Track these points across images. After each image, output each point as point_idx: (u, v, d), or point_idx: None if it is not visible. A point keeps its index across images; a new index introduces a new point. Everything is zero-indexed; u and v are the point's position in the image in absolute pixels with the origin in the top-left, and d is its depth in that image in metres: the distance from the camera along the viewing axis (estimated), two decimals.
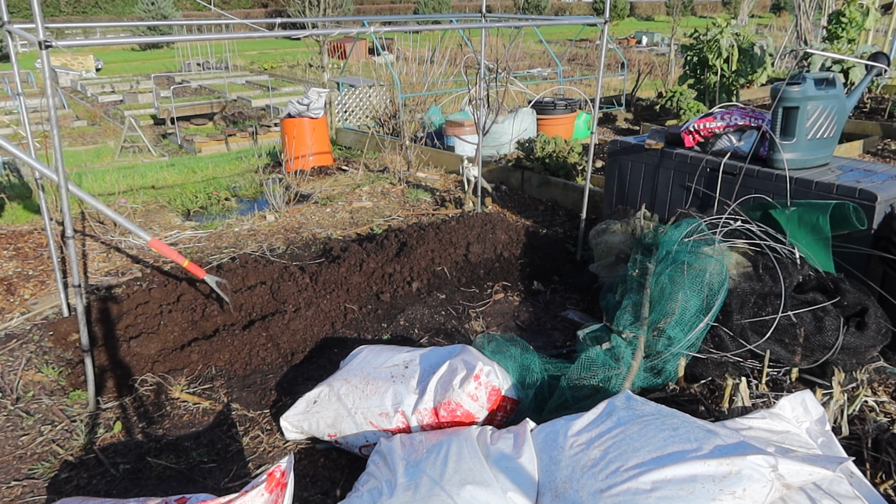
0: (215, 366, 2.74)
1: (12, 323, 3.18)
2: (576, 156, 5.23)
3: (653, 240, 2.88)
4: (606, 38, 3.49)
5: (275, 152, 7.12)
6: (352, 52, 10.02)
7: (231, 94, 13.97)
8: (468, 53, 8.78)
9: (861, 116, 6.81)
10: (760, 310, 2.40)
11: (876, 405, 2.26)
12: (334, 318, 3.08)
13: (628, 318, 2.47)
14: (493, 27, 6.39)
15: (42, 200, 2.94)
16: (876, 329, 2.35)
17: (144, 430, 2.40)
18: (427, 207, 4.90)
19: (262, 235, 4.35)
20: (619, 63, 10.36)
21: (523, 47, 12.85)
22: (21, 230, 4.36)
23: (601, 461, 1.56)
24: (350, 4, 23.65)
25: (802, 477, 1.44)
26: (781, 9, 25.54)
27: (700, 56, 7.07)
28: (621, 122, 8.03)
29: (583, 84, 11.34)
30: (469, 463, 1.67)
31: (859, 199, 2.75)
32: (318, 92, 6.09)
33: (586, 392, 2.19)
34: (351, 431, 2.14)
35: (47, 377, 2.72)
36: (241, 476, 2.18)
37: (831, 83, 2.99)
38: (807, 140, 3.03)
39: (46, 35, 2.11)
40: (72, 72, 17.41)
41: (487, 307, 3.26)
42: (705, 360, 2.36)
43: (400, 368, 2.21)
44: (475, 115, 4.65)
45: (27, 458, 2.26)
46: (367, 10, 38.05)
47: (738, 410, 2.05)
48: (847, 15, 6.98)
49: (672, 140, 3.54)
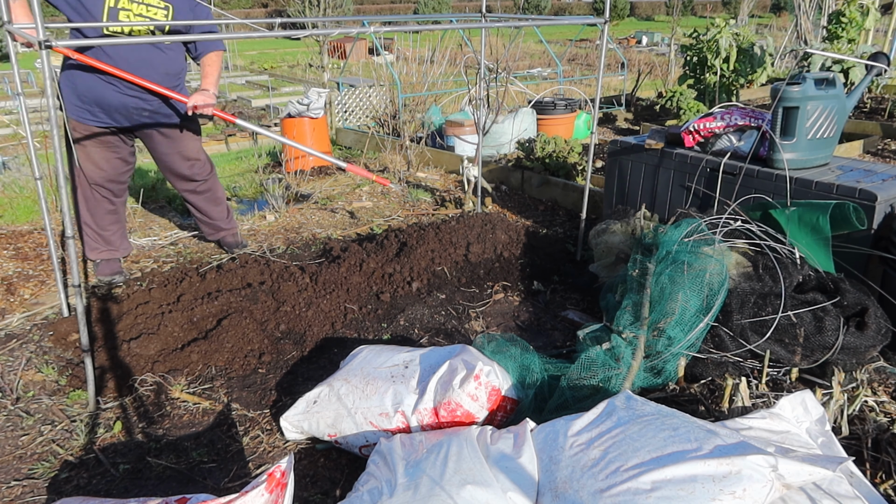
0: (215, 366, 2.74)
1: (12, 323, 3.18)
2: (576, 156, 5.23)
3: (653, 240, 2.88)
4: (606, 38, 3.49)
5: (275, 152, 7.12)
6: (352, 52, 10.02)
7: (231, 94, 13.97)
8: (468, 53, 8.78)
9: (861, 116, 6.81)
10: (760, 310, 2.40)
11: (876, 405, 2.26)
12: (334, 318, 3.08)
13: (628, 318, 2.47)
14: (493, 27, 6.39)
15: (42, 200, 2.94)
16: (876, 329, 2.35)
17: (144, 430, 2.40)
18: (427, 207, 4.90)
19: (262, 235, 4.35)
20: (619, 63, 10.36)
21: (523, 47, 12.85)
22: (21, 230, 4.36)
23: (601, 461, 1.56)
24: (350, 4, 23.64)
25: (802, 477, 1.44)
26: (781, 9, 25.53)
27: (700, 56, 7.07)
28: (621, 122, 8.03)
29: (583, 84, 11.34)
30: (469, 463, 1.67)
31: (859, 199, 2.75)
32: (318, 92, 6.10)
33: (586, 392, 2.19)
34: (351, 431, 2.14)
35: (47, 377, 2.72)
36: (242, 476, 2.18)
37: (831, 83, 2.99)
38: (807, 140, 3.04)
39: (46, 35, 2.11)
40: None
41: (487, 307, 3.26)
42: (705, 360, 2.36)
43: (400, 368, 2.21)
44: (475, 115, 4.65)
45: (27, 458, 2.26)
46: (367, 10, 38.04)
47: (738, 410, 2.05)
48: (847, 15, 6.98)
49: (672, 140, 3.54)
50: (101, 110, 3.20)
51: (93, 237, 3.49)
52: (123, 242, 3.63)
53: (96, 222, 3.47)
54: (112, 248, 3.57)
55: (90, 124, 3.22)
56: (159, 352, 2.76)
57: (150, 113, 3.29)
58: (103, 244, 3.53)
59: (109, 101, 3.16)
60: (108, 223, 3.50)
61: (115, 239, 3.57)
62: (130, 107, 3.21)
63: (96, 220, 3.47)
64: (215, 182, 3.81)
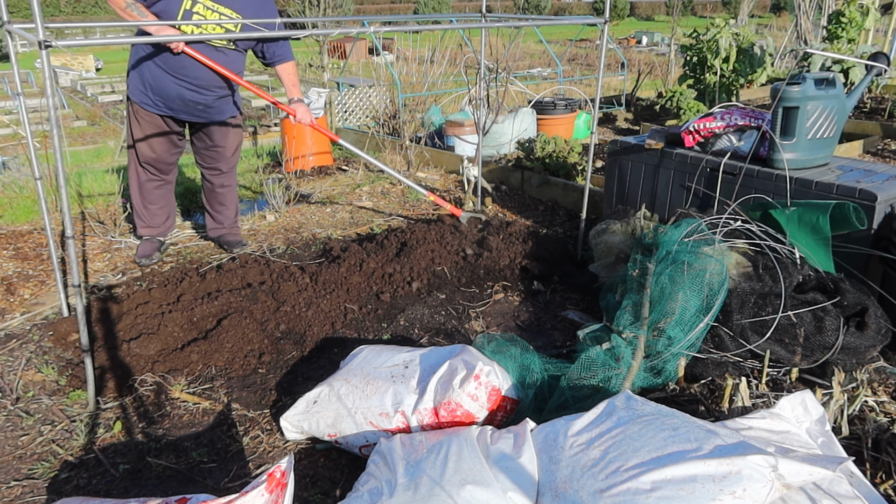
0: (215, 366, 2.74)
1: (12, 323, 3.18)
2: (576, 156, 5.23)
3: (653, 240, 2.88)
4: (606, 38, 3.49)
5: (275, 152, 7.12)
6: (352, 52, 10.02)
7: None
8: (468, 53, 8.77)
9: (861, 116, 6.81)
10: (760, 310, 2.40)
11: (876, 405, 2.26)
12: (334, 318, 3.08)
13: (628, 318, 2.47)
14: (493, 27, 6.39)
15: (42, 200, 2.94)
16: (876, 329, 2.35)
17: (144, 430, 2.40)
18: (427, 207, 4.90)
19: (262, 235, 4.35)
20: (619, 63, 10.36)
21: (523, 47, 12.85)
22: (21, 230, 4.36)
23: (601, 461, 1.56)
24: (350, 4, 23.63)
25: (802, 477, 1.44)
26: (781, 9, 25.54)
27: (700, 56, 7.07)
28: (621, 122, 8.03)
29: (583, 84, 11.34)
30: (469, 463, 1.67)
31: (859, 199, 2.75)
32: (318, 92, 6.10)
33: (586, 392, 2.19)
34: (351, 431, 2.14)
35: (47, 377, 2.72)
36: (242, 476, 2.18)
37: (831, 83, 2.99)
38: (807, 140, 3.04)
39: (46, 35, 2.11)
40: (72, 72, 17.41)
41: (487, 307, 3.26)
42: (705, 360, 2.36)
43: (400, 368, 2.21)
44: (475, 115, 4.65)
45: (27, 458, 2.26)
46: (367, 10, 38.05)
47: (738, 410, 2.05)
48: (847, 15, 6.98)
49: (672, 140, 3.54)
50: (160, 99, 3.52)
51: (139, 213, 3.89)
52: (167, 222, 3.98)
53: (143, 199, 3.84)
54: (153, 227, 3.91)
55: (150, 110, 3.56)
56: (159, 352, 2.76)
57: (203, 107, 3.58)
58: (147, 221, 3.90)
59: (168, 92, 3.47)
60: (153, 199, 3.85)
61: (158, 218, 3.92)
62: (187, 99, 3.51)
63: (143, 196, 3.83)
64: (234, 178, 4.06)
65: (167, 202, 3.93)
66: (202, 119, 3.65)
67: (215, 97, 3.58)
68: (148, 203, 3.85)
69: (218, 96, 3.59)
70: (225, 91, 3.60)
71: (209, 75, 3.47)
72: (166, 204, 3.93)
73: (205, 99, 3.54)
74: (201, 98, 3.53)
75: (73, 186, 5.21)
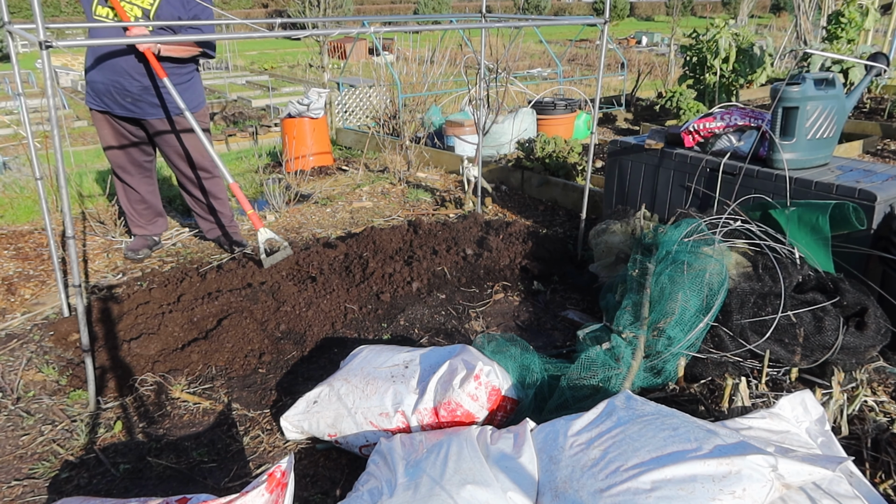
0: (215, 366, 2.75)
1: (13, 323, 3.19)
2: (576, 156, 5.23)
3: (653, 240, 2.88)
4: (606, 39, 3.49)
5: (275, 152, 7.13)
6: (352, 53, 10.02)
7: (231, 95, 13.98)
8: (468, 53, 8.78)
9: (861, 116, 6.82)
10: (760, 310, 2.40)
11: (875, 405, 2.27)
12: (334, 318, 3.08)
13: (628, 318, 2.47)
14: (493, 27, 6.39)
15: (43, 200, 2.95)
16: (875, 329, 2.35)
17: (145, 430, 2.40)
18: (427, 207, 4.91)
19: None
20: (619, 63, 10.36)
21: (523, 47, 12.85)
22: (21, 230, 4.36)
23: (601, 461, 1.56)
24: (350, 4, 23.66)
25: (802, 477, 1.44)
26: (781, 9, 25.55)
27: (699, 56, 7.08)
28: (621, 122, 8.03)
29: (583, 84, 11.35)
30: (469, 463, 1.67)
31: (859, 199, 2.76)
32: (319, 92, 6.10)
33: (586, 392, 2.19)
34: (351, 431, 2.14)
35: (48, 377, 2.72)
36: (242, 476, 2.18)
37: (831, 83, 3.00)
38: (806, 140, 3.04)
39: (47, 35, 2.11)
40: (72, 72, 17.40)
41: (487, 307, 3.26)
42: (705, 360, 2.36)
43: (400, 368, 2.21)
44: (475, 115, 4.66)
45: (28, 458, 2.26)
46: (367, 10, 38.06)
47: (738, 410, 2.05)
48: (846, 15, 6.98)
49: (672, 140, 3.55)
50: (93, 91, 3.53)
51: (128, 213, 3.98)
52: (150, 226, 4.03)
53: (127, 199, 3.92)
54: (142, 227, 4.01)
55: (91, 106, 3.60)
56: (159, 352, 2.76)
57: (132, 99, 3.52)
58: (136, 220, 3.99)
59: (96, 81, 3.48)
60: (136, 200, 3.92)
61: (145, 218, 3.99)
62: (112, 86, 3.46)
63: (127, 197, 3.92)
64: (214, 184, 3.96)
65: (151, 204, 3.97)
66: (136, 113, 3.55)
67: (140, 86, 3.46)
68: (133, 203, 3.92)
69: (142, 86, 3.47)
70: (148, 81, 3.48)
71: (129, 61, 3.40)
72: (151, 206, 3.98)
73: (130, 86, 3.44)
74: (128, 84, 3.43)
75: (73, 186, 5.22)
